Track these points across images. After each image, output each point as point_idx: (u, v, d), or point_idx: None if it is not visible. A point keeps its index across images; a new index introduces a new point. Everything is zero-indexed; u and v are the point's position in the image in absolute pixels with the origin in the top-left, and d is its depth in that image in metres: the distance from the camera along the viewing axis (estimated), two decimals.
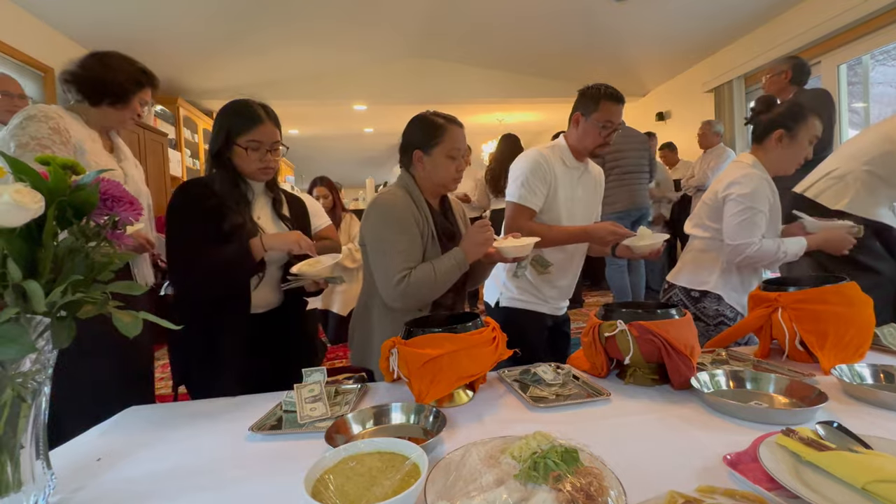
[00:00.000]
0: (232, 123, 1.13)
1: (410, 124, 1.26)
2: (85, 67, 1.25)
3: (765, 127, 1.44)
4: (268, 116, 1.15)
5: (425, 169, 1.22)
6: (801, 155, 1.42)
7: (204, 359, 1.16)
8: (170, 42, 3.97)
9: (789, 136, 1.39)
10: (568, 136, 1.54)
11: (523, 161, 1.49)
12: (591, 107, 1.44)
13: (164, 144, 4.02)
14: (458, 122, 1.25)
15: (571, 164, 1.52)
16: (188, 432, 0.80)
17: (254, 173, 1.17)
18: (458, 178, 1.25)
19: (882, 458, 0.50)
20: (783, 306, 1.01)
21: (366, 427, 0.75)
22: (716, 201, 1.44)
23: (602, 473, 0.51)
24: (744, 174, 1.38)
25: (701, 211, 1.51)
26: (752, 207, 1.34)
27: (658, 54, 4.58)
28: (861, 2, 2.96)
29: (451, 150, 1.21)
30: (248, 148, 1.13)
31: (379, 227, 1.17)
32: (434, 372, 0.81)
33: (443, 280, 1.14)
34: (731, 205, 1.37)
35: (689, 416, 0.75)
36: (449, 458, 0.59)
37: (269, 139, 1.15)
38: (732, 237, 1.36)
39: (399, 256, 1.13)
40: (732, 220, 1.36)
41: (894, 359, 0.99)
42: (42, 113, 1.16)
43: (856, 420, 0.70)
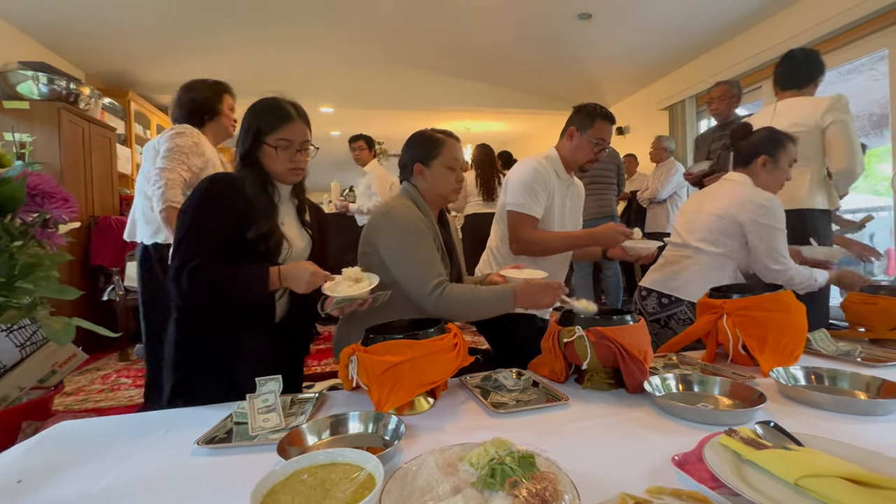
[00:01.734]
0: (262, 121, 1.08)
1: (410, 140, 1.32)
2: (179, 101, 1.71)
3: (749, 153, 1.51)
4: (298, 114, 1.11)
5: (427, 181, 1.26)
6: (783, 178, 1.50)
7: (200, 366, 1.06)
8: (123, 32, 3.75)
9: (773, 161, 1.48)
10: (561, 148, 1.58)
11: (524, 170, 1.51)
12: (587, 123, 1.51)
13: (111, 139, 3.77)
14: (454, 136, 1.31)
15: (563, 176, 1.58)
16: (127, 448, 0.74)
17: (283, 174, 1.11)
18: (458, 188, 1.29)
19: (812, 455, 0.54)
20: (728, 313, 1.07)
21: (321, 438, 0.72)
22: (733, 221, 1.43)
23: (557, 478, 0.52)
24: (767, 199, 1.40)
25: (712, 226, 1.47)
26: (779, 230, 1.39)
27: (619, 72, 4.80)
28: (796, 34, 3.24)
29: (450, 160, 1.26)
30: (277, 147, 1.07)
31: (397, 237, 1.17)
32: (394, 379, 0.80)
33: (480, 307, 1.15)
34: (760, 229, 1.39)
35: (641, 419, 0.78)
36: (406, 468, 0.58)
37: (300, 138, 1.10)
38: (773, 261, 1.39)
39: (427, 265, 1.15)
40: (765, 245, 1.38)
41: (824, 361, 1.07)
42: (188, 130, 1.66)
43: (791, 419, 0.75)
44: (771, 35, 3.47)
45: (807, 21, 3.20)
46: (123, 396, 2.39)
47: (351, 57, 4.99)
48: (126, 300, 3.14)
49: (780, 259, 1.39)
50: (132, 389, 2.50)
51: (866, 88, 3.23)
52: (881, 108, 3.09)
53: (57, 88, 3.18)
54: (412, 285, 1.16)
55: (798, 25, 3.26)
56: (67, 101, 3.24)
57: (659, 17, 3.69)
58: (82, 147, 3.38)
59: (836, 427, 0.72)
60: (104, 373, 2.82)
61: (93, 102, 3.51)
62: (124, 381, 2.67)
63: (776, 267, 1.39)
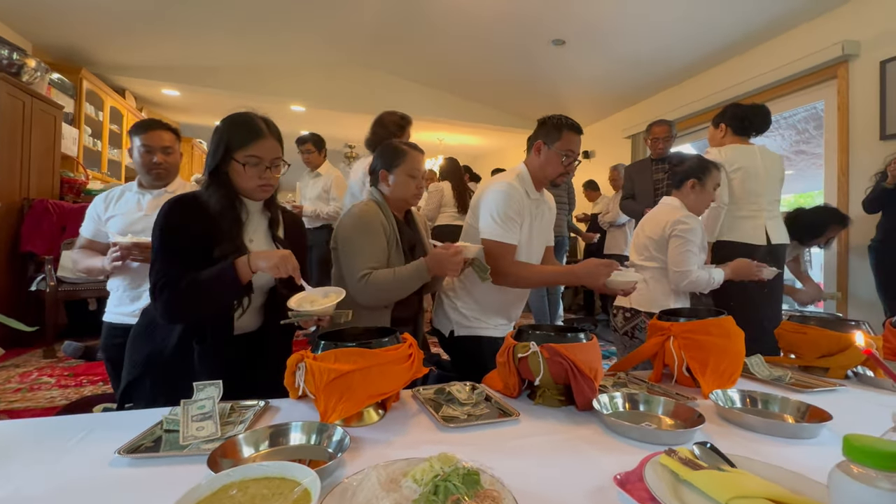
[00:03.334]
0: (231, 137, 1.06)
1: (379, 149, 1.46)
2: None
3: (681, 177, 1.77)
4: (269, 131, 1.09)
5: (389, 186, 1.41)
6: (709, 199, 1.75)
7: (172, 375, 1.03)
8: (79, 6, 3.52)
9: (700, 184, 1.72)
10: (529, 164, 1.52)
11: (496, 196, 1.43)
12: (553, 135, 1.45)
13: (56, 117, 3.49)
14: (418, 148, 1.45)
15: (533, 195, 1.51)
16: (35, 456, 0.67)
17: (251, 191, 1.09)
18: (419, 194, 1.44)
19: (742, 476, 0.56)
20: (674, 335, 1.11)
21: (259, 449, 0.68)
22: (661, 238, 1.70)
23: (500, 496, 0.51)
24: (684, 216, 1.68)
25: (649, 245, 1.75)
26: (690, 241, 1.64)
27: (588, 98, 5.01)
28: (746, 79, 3.52)
29: (412, 170, 1.40)
30: (246, 164, 1.05)
31: (349, 231, 1.33)
32: (342, 389, 0.77)
33: (402, 284, 1.29)
34: (675, 240, 1.66)
35: (588, 437, 0.79)
36: (346, 483, 0.55)
37: (270, 155, 1.08)
38: (677, 265, 1.65)
39: (363, 257, 1.29)
40: (676, 251, 1.65)
41: (758, 385, 1.13)
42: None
43: (726, 440, 0.78)
44: (727, 77, 3.76)
45: (755, 69, 3.49)
46: (43, 398, 2.17)
47: (327, 58, 4.92)
48: (57, 291, 2.89)
49: (683, 263, 1.64)
50: (55, 390, 2.28)
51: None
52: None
53: None
54: (348, 277, 1.30)
55: (748, 72, 3.54)
56: (8, 72, 2.99)
57: (627, 51, 3.90)
58: (21, 123, 3.11)
59: (766, 449, 0.76)
60: (24, 370, 2.57)
61: (38, 76, 3.25)
62: (46, 380, 2.43)
63: (678, 269, 1.65)
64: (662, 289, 1.72)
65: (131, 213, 1.55)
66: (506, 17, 3.69)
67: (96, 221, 1.58)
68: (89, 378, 2.48)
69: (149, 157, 1.55)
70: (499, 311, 1.56)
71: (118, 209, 1.56)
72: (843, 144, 2.95)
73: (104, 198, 1.60)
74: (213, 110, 5.97)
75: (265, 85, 4.99)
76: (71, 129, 3.89)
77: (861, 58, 2.87)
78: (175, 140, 1.63)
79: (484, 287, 1.47)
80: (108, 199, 1.59)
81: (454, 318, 1.54)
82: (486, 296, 1.52)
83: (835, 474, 0.37)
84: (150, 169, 1.55)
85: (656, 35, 3.58)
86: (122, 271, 1.48)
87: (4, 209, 2.95)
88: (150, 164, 1.55)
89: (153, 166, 1.55)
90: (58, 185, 3.48)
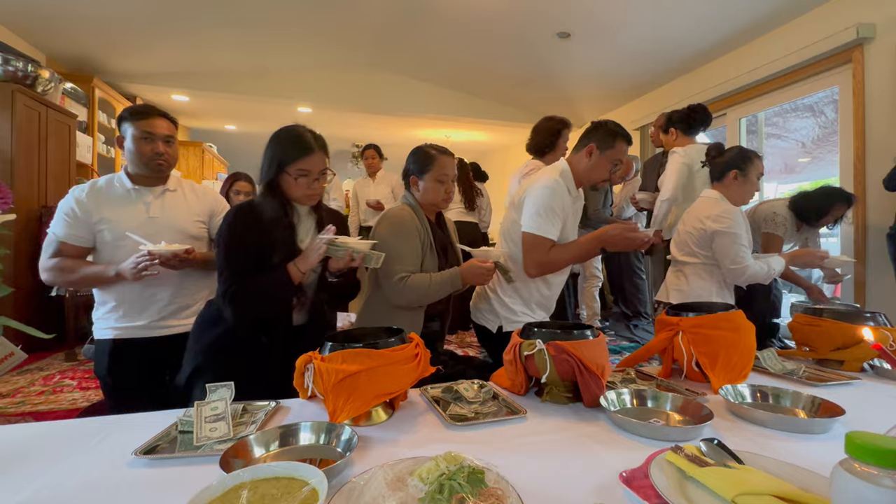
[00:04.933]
0: (283, 152, 1.18)
1: (410, 154, 1.51)
2: None
3: (721, 168, 1.73)
4: (317, 145, 1.20)
5: (420, 191, 1.47)
6: (753, 189, 1.72)
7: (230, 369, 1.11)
8: (90, 16, 3.59)
9: (742, 175, 1.69)
10: (576, 163, 1.53)
11: (544, 191, 1.47)
12: (608, 142, 1.48)
13: (71, 126, 3.58)
14: (448, 152, 1.50)
15: (573, 192, 1.56)
16: (55, 457, 0.69)
17: (300, 199, 1.23)
18: (448, 198, 1.49)
19: (749, 473, 0.56)
20: (683, 330, 1.10)
21: (269, 449, 0.70)
22: (703, 233, 1.66)
23: (505, 494, 0.52)
24: (723, 210, 1.63)
25: (689, 240, 1.72)
26: (738, 234, 1.60)
27: (595, 90, 4.95)
28: (758, 66, 3.44)
29: (440, 175, 1.45)
30: (297, 177, 1.18)
31: (386, 234, 1.39)
32: (350, 389, 0.78)
33: (436, 290, 1.38)
34: (722, 237, 1.61)
35: (595, 434, 0.79)
36: (354, 483, 0.56)
37: (318, 167, 1.20)
38: (732, 262, 1.61)
39: (400, 260, 1.36)
40: (726, 248, 1.61)
41: (770, 379, 1.12)
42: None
43: (736, 436, 0.78)
44: (737, 65, 3.68)
45: (767, 56, 3.41)
46: (65, 399, 2.24)
47: (332, 58, 4.95)
48: (76, 297, 2.97)
49: (737, 258, 1.60)
50: (76, 392, 2.35)
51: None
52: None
53: (12, 70, 3.00)
54: (384, 277, 1.37)
55: (760, 59, 3.46)
56: (24, 84, 3.07)
57: (634, 42, 3.84)
58: (38, 133, 3.20)
59: (776, 444, 0.75)
60: (47, 373, 2.65)
61: (52, 87, 3.33)
62: (68, 382, 2.51)
63: (733, 266, 1.61)
64: (704, 285, 1.68)
65: (136, 216, 1.36)
66: (510, 11, 3.66)
67: (78, 222, 1.32)
68: None
69: (149, 147, 1.36)
70: (540, 303, 1.63)
71: (115, 212, 1.35)
72: (858, 130, 2.88)
73: (88, 195, 1.34)
74: (222, 114, 6.05)
75: (272, 87, 5.03)
76: (85, 137, 3.99)
77: (876, 41, 2.78)
78: (175, 130, 1.45)
79: (527, 282, 1.58)
80: (96, 197, 1.35)
81: (502, 313, 1.58)
82: (528, 290, 1.60)
83: (837, 472, 0.37)
84: (151, 160, 1.37)
85: (664, 24, 3.52)
86: (133, 282, 1.31)
87: (24, 218, 3.03)
88: (152, 154, 1.36)
89: (154, 157, 1.37)
90: None
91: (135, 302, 1.38)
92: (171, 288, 1.42)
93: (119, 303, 1.37)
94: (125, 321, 1.37)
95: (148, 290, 1.38)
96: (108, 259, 1.35)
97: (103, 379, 1.39)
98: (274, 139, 1.21)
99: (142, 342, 1.38)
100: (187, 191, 1.51)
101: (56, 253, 1.33)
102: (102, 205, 1.35)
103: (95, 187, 1.38)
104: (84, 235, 1.34)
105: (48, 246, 1.34)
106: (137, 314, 1.38)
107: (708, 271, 1.69)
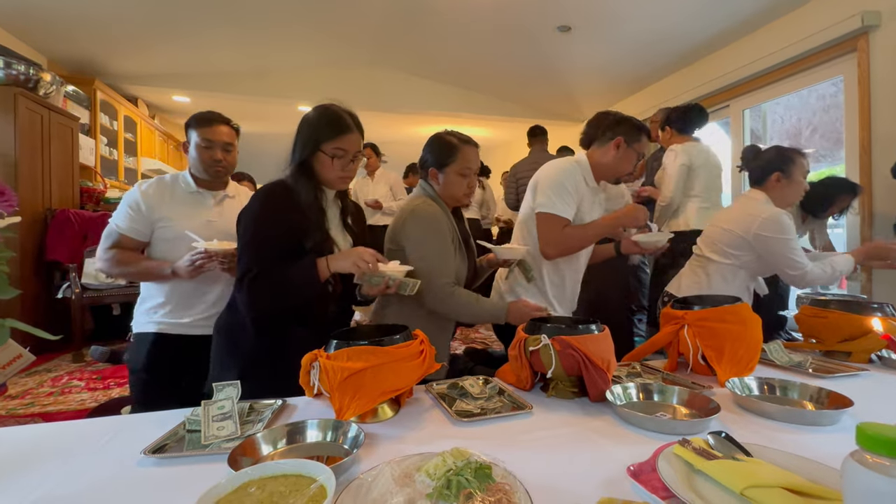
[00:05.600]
0: (320, 130, 1.13)
1: (428, 142, 1.37)
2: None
3: (760, 172, 1.62)
4: (354, 124, 1.15)
5: (439, 184, 1.34)
6: (801, 189, 1.61)
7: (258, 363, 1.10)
8: (91, 19, 3.59)
9: (786, 176, 1.58)
10: (599, 156, 1.54)
11: (554, 170, 1.50)
12: (635, 136, 1.51)
13: (73, 129, 3.59)
14: (472, 142, 1.36)
15: (591, 183, 1.55)
16: (65, 457, 0.70)
17: (333, 181, 1.16)
18: (470, 192, 1.37)
19: (758, 466, 0.55)
20: (688, 323, 1.10)
21: (277, 447, 0.70)
22: (743, 235, 1.55)
23: (512, 489, 0.52)
24: (768, 215, 1.51)
25: (722, 238, 1.61)
26: (790, 238, 1.49)
27: (597, 84, 4.92)
28: (762, 56, 3.40)
29: (464, 168, 1.32)
30: (334, 156, 1.13)
31: (424, 234, 1.26)
32: (356, 387, 0.78)
33: (478, 314, 1.28)
34: (773, 243, 1.50)
35: (602, 429, 0.79)
36: (361, 479, 0.56)
37: (354, 148, 1.15)
38: (790, 268, 1.50)
39: (445, 265, 1.25)
40: (782, 254, 1.50)
41: (777, 372, 1.11)
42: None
43: (743, 429, 0.77)
44: (740, 56, 3.64)
45: (770, 46, 3.37)
46: (74, 400, 2.26)
47: (333, 57, 4.94)
48: (82, 298, 2.99)
49: (794, 265, 1.50)
50: (84, 393, 2.37)
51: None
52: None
53: (14, 73, 3.01)
54: (425, 276, 1.22)
55: (763, 49, 3.43)
56: (26, 87, 3.08)
57: (636, 33, 3.81)
58: (40, 136, 3.21)
59: (784, 437, 0.75)
60: (55, 375, 2.67)
61: (54, 89, 3.34)
62: (76, 383, 2.53)
63: (793, 272, 1.51)
64: (724, 287, 1.59)
65: (196, 218, 1.40)
66: (509, 6, 3.64)
67: (141, 216, 1.38)
68: (116, 381, 2.57)
69: (209, 154, 1.41)
70: (564, 295, 1.62)
71: (176, 210, 1.40)
72: (864, 120, 2.85)
73: (152, 192, 1.40)
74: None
75: (272, 87, 5.03)
76: (87, 139, 4.00)
77: (881, 29, 2.75)
78: (235, 137, 1.49)
79: (551, 274, 1.56)
80: (160, 194, 1.40)
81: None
82: (553, 284, 1.58)
83: (848, 463, 0.37)
84: (210, 167, 1.42)
85: (666, 15, 3.49)
86: (185, 279, 1.34)
87: (29, 220, 3.05)
88: (211, 161, 1.41)
89: (213, 164, 1.42)
90: (77, 194, 3.59)
91: (183, 299, 1.40)
92: (220, 287, 1.42)
93: (168, 299, 1.40)
94: (171, 317, 1.40)
95: (200, 289, 1.40)
96: (161, 256, 1.39)
97: (138, 374, 1.40)
98: (310, 118, 1.16)
99: (183, 339, 1.40)
100: (244, 199, 1.49)
101: (115, 244, 1.38)
102: (166, 203, 1.40)
103: (162, 184, 1.43)
104: (144, 230, 1.39)
105: (108, 237, 1.39)
106: (184, 311, 1.40)
107: (733, 273, 1.61)
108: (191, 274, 1.29)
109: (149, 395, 1.40)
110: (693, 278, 1.71)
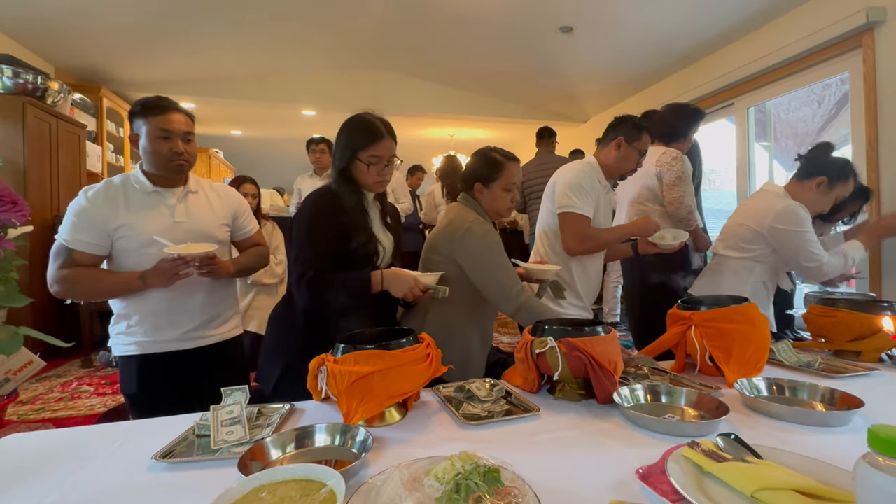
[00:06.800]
0: (356, 139, 1.21)
1: (474, 158, 1.43)
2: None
3: (811, 169, 1.54)
4: (387, 132, 1.23)
5: (485, 199, 1.39)
6: (828, 205, 1.56)
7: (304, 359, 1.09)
8: (97, 27, 3.64)
9: (828, 187, 1.52)
10: (604, 157, 1.65)
11: (573, 173, 1.60)
12: (635, 135, 1.60)
13: (80, 136, 3.63)
14: (515, 158, 1.42)
15: (603, 182, 1.66)
16: (76, 463, 0.71)
17: (371, 185, 1.24)
18: (512, 207, 1.43)
19: (767, 467, 0.55)
20: (696, 324, 1.09)
21: (286, 452, 0.70)
22: (758, 228, 1.53)
23: (521, 492, 0.52)
24: (783, 207, 1.48)
25: (738, 232, 1.59)
26: (807, 231, 1.46)
27: (599, 84, 4.91)
28: (766, 54, 3.38)
29: (508, 184, 1.38)
30: (369, 164, 1.20)
31: (483, 251, 1.28)
32: (363, 391, 0.78)
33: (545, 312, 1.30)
34: (789, 236, 1.47)
35: (609, 431, 0.79)
36: (371, 483, 0.56)
37: (388, 153, 1.22)
38: (806, 260, 1.47)
39: (510, 275, 1.28)
40: (797, 246, 1.47)
41: (786, 372, 1.10)
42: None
43: (752, 430, 0.77)
44: (744, 54, 3.62)
45: (774, 43, 3.35)
46: (84, 405, 2.28)
47: (334, 60, 4.96)
48: (91, 304, 3.01)
49: (811, 256, 1.46)
50: (94, 398, 2.39)
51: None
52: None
53: (22, 82, 3.05)
54: (495, 290, 1.27)
55: (766, 47, 3.41)
56: (34, 96, 3.12)
57: (639, 33, 3.80)
58: (49, 144, 3.25)
59: (794, 438, 0.74)
60: (65, 380, 2.70)
61: (62, 98, 3.38)
62: (86, 388, 2.55)
63: (808, 264, 1.48)
64: (737, 283, 1.56)
65: (160, 221, 1.22)
66: (511, 7, 3.64)
67: (93, 227, 1.17)
68: None
69: (168, 146, 1.21)
70: (590, 288, 1.70)
71: (136, 216, 1.20)
72: (870, 117, 2.82)
73: (101, 198, 1.20)
74: (228, 120, 6.10)
75: (276, 92, 5.06)
76: (94, 146, 4.04)
77: (887, 25, 2.72)
78: (193, 126, 1.30)
79: (579, 272, 1.64)
80: (111, 200, 1.20)
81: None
82: (581, 282, 1.66)
83: (860, 466, 0.37)
84: (171, 160, 1.22)
85: (668, 14, 3.48)
86: (160, 287, 1.20)
87: (38, 227, 3.08)
88: (171, 153, 1.22)
89: (174, 156, 1.22)
90: None
91: (162, 313, 1.24)
92: (202, 296, 1.29)
93: (145, 315, 1.23)
94: (153, 335, 1.23)
95: (179, 299, 1.25)
96: (129, 269, 1.20)
97: (133, 398, 1.25)
98: (346, 128, 1.24)
99: (174, 356, 1.25)
100: (209, 192, 1.38)
101: (67, 263, 1.16)
102: (121, 209, 1.20)
103: (111, 187, 1.23)
104: (99, 242, 1.18)
105: (57, 255, 1.17)
106: (167, 326, 1.24)
107: (748, 269, 1.57)
108: (166, 283, 1.16)
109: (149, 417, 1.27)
110: (706, 277, 1.72)
